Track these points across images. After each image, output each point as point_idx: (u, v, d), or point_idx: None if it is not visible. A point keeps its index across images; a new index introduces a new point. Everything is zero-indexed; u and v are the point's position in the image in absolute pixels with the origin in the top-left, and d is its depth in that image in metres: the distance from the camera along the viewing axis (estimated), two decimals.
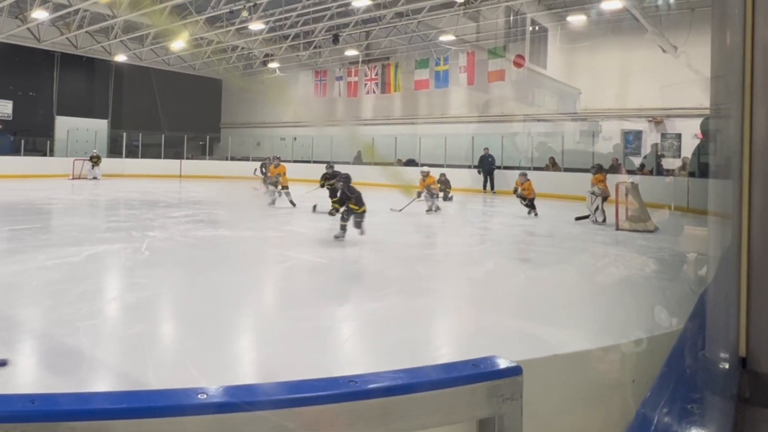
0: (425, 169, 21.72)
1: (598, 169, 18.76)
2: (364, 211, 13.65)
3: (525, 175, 20.19)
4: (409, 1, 28.18)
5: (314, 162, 36.11)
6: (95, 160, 33.31)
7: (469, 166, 31.18)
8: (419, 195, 20.53)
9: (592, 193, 17.79)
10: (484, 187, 29.02)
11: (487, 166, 29.36)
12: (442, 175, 24.38)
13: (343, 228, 13.69)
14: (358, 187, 13.87)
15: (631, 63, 27.15)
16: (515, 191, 20.16)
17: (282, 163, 21.99)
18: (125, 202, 23.11)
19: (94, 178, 32.62)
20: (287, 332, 7.05)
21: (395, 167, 32.09)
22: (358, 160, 34.24)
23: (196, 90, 44.07)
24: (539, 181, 26.20)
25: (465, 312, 8.42)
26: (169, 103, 42.61)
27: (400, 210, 19.69)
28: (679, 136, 27.40)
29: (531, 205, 19.60)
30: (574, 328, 7.04)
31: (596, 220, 17.44)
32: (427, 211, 20.17)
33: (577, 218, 17.73)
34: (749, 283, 1.69)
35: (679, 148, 27.34)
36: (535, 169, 28.98)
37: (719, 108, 2.24)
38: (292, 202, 20.39)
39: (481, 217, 18.79)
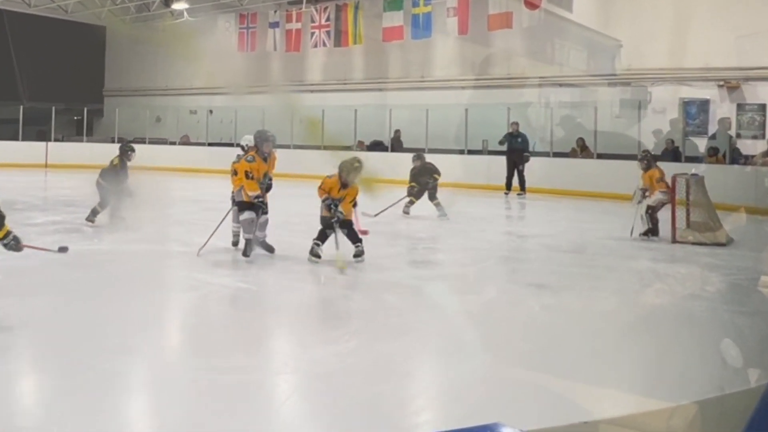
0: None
1: (651, 163, 15.26)
2: None
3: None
4: None
5: (238, 146, 30.60)
6: None
7: (462, 151, 26.22)
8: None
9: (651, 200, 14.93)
10: (509, 184, 22.65)
11: (516, 152, 22.41)
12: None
13: None
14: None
15: (692, 3, 23.11)
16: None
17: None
18: None
19: None
20: (198, 390, 5.79)
21: (355, 153, 25.37)
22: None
23: (70, 42, 36.81)
24: (563, 171, 24.14)
25: (455, 359, 7.00)
26: (31, 61, 37.26)
27: (375, 215, 16.28)
28: (763, 107, 22.81)
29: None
30: (612, 384, 6.17)
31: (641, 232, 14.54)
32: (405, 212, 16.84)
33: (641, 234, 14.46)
34: None
35: (763, 125, 22.90)
36: (556, 155, 24.91)
37: None
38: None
39: (480, 224, 16.55)
